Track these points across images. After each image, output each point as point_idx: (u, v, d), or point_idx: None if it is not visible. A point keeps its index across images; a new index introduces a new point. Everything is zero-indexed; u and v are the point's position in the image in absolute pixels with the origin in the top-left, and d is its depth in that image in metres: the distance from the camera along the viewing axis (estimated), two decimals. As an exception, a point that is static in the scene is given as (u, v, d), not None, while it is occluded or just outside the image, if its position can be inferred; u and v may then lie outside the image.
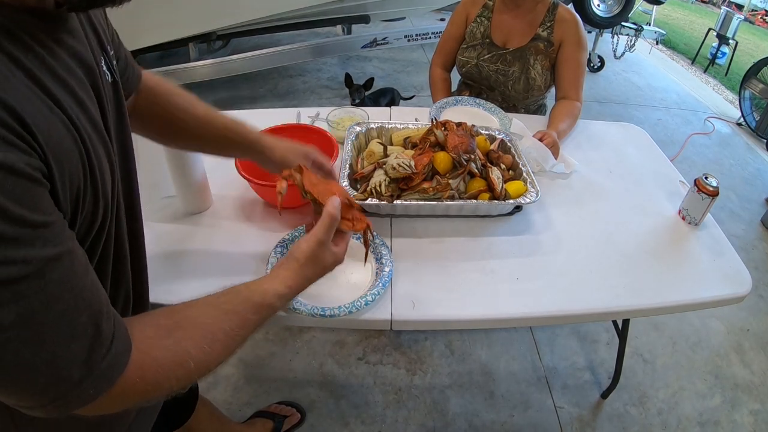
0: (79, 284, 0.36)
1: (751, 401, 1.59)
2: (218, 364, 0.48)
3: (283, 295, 0.56)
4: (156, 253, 0.88)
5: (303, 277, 0.59)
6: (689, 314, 1.87)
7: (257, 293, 0.54)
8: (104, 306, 0.39)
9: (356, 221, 0.65)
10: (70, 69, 0.40)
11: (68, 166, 0.36)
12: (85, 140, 0.38)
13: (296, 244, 0.61)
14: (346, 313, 0.77)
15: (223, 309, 0.50)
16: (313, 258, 0.60)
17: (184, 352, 0.44)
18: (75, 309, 0.36)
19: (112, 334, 0.39)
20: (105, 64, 0.48)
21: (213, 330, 0.48)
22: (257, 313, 0.53)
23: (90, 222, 0.41)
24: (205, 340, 0.47)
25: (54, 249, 0.34)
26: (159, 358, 0.43)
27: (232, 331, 0.49)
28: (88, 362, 0.37)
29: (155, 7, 2.34)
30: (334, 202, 0.62)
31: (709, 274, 0.95)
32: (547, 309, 0.85)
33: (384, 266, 0.86)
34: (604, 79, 3.99)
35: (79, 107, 0.39)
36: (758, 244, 2.31)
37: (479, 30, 1.46)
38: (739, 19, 4.14)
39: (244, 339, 0.51)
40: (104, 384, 0.38)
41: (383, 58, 3.92)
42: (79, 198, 0.38)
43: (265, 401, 1.45)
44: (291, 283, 0.58)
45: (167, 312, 0.48)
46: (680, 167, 1.30)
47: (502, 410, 1.48)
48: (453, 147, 1.00)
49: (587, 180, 1.19)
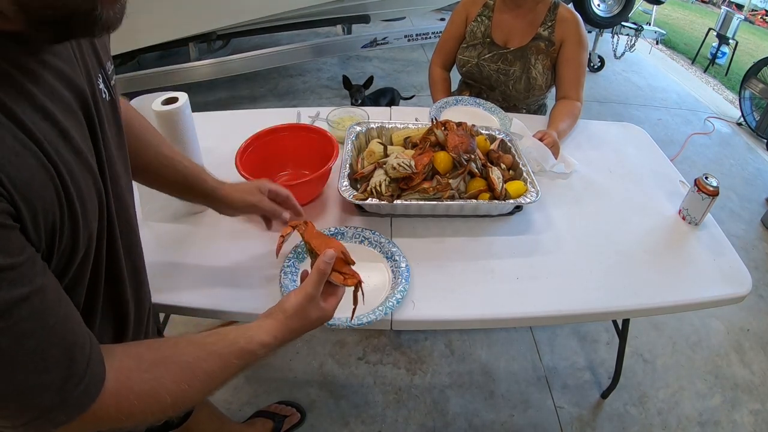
0: (50, 320, 0.36)
1: (751, 401, 1.59)
2: (195, 403, 0.48)
3: (267, 344, 0.56)
4: (156, 253, 0.88)
5: (288, 329, 0.59)
6: (689, 314, 1.87)
7: (243, 338, 0.54)
8: (78, 336, 0.39)
9: (348, 277, 0.66)
10: (54, 93, 0.39)
11: (40, 202, 0.36)
12: (62, 173, 0.38)
13: (286, 295, 0.61)
14: (381, 315, 0.77)
15: (207, 350, 0.50)
16: (300, 311, 0.59)
17: (162, 387, 0.45)
18: (47, 343, 0.36)
19: (86, 363, 0.39)
20: (102, 82, 0.47)
21: (194, 369, 0.48)
22: (240, 358, 0.53)
23: (71, 251, 0.41)
24: (185, 378, 0.47)
25: (22, 289, 0.34)
26: (136, 389, 0.43)
27: (214, 372, 0.50)
28: (61, 391, 0.37)
29: (155, 7, 2.34)
30: (326, 256, 0.62)
31: (709, 274, 0.95)
32: (547, 309, 0.85)
33: (399, 263, 0.87)
34: (604, 79, 3.99)
35: (60, 137, 0.39)
36: (758, 244, 2.31)
37: (480, 29, 1.46)
38: (739, 19, 4.14)
39: (224, 382, 0.51)
40: (75, 411, 0.39)
41: (383, 58, 3.92)
42: (56, 231, 0.38)
43: (265, 401, 1.45)
44: (276, 334, 0.57)
45: (152, 345, 0.48)
46: (680, 167, 1.30)
47: (502, 410, 1.48)
48: (453, 147, 1.00)
49: (587, 180, 1.19)
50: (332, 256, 0.62)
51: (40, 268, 0.36)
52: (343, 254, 0.68)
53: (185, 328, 1.63)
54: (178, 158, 0.74)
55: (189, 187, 0.76)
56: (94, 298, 0.49)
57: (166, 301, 0.80)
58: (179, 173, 0.75)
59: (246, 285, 0.85)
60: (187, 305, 0.81)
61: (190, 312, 0.81)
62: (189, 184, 0.76)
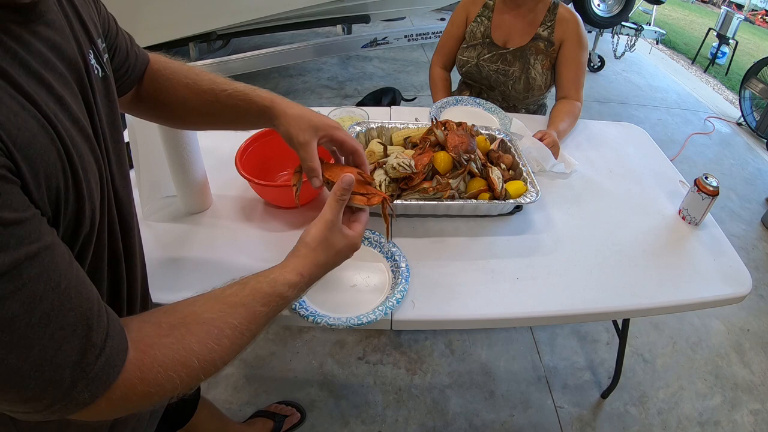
0: (63, 281, 0.34)
1: (751, 401, 1.59)
2: (227, 361, 0.45)
3: (294, 284, 0.52)
4: (156, 253, 0.88)
5: (315, 263, 0.55)
6: (689, 314, 1.87)
7: (266, 283, 0.50)
8: (94, 303, 0.37)
9: (371, 196, 0.61)
10: (48, 63, 0.38)
11: (43, 164, 0.34)
12: (63, 138, 0.36)
13: (306, 229, 0.57)
14: (381, 315, 0.77)
15: (229, 302, 0.47)
16: (324, 241, 0.56)
17: (187, 350, 0.41)
18: (61, 308, 0.33)
19: (106, 333, 0.37)
20: (94, 58, 0.46)
21: (219, 325, 0.44)
22: (267, 304, 0.49)
23: (75, 224, 0.39)
24: (211, 337, 0.43)
25: (30, 246, 0.32)
26: (160, 357, 0.40)
27: (241, 325, 0.46)
28: (81, 364, 0.35)
29: (155, 7, 2.34)
30: (344, 181, 0.57)
31: (709, 274, 0.95)
32: (547, 309, 0.85)
33: (399, 263, 0.87)
34: (604, 79, 3.99)
35: (58, 104, 0.37)
36: (758, 244, 2.31)
37: (479, 29, 1.46)
38: (740, 19, 4.14)
39: (255, 334, 0.48)
40: (100, 387, 0.36)
41: (383, 58, 3.92)
42: (60, 198, 0.36)
43: (265, 401, 1.45)
44: (302, 270, 0.54)
45: (168, 309, 0.45)
46: (680, 167, 1.30)
47: (502, 410, 1.48)
48: (453, 147, 1.00)
49: (587, 180, 1.19)
50: (351, 181, 0.58)
51: (47, 228, 0.34)
52: (361, 175, 0.63)
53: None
54: (220, 89, 0.67)
55: (240, 113, 0.68)
56: (97, 282, 0.46)
57: (166, 301, 0.80)
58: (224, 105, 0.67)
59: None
60: (187, 305, 0.81)
61: (190, 312, 0.81)
62: (239, 111, 0.68)
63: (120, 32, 0.58)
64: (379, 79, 3.57)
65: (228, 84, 0.68)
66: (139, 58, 0.62)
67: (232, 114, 0.69)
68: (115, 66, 0.57)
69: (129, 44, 0.61)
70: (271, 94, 0.69)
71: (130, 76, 0.62)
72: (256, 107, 0.68)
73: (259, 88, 0.70)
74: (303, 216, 0.99)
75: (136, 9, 2.29)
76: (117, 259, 0.50)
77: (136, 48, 0.62)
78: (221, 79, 0.68)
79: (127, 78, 0.61)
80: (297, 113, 0.67)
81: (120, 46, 0.58)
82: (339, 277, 0.86)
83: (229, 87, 0.67)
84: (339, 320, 0.75)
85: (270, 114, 0.68)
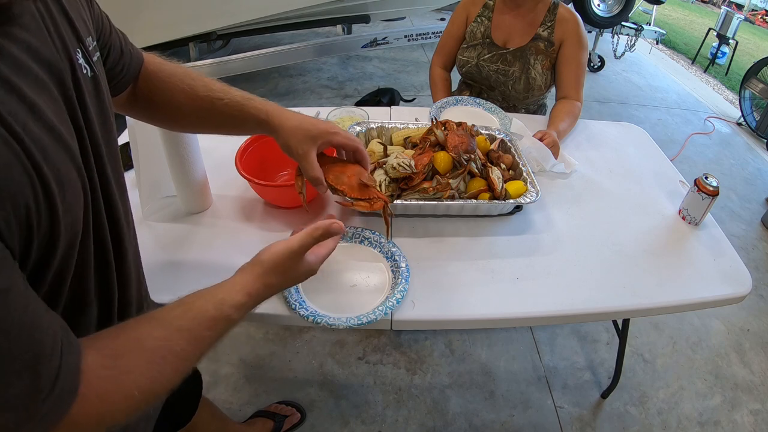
0: (13, 329, 0.32)
1: (751, 401, 1.59)
2: (169, 388, 0.44)
3: (241, 305, 0.51)
4: (156, 253, 0.88)
5: (265, 284, 0.54)
6: (689, 314, 1.87)
7: (212, 305, 0.49)
8: (47, 346, 0.35)
9: (374, 201, 0.61)
10: (21, 68, 0.36)
11: (6, 183, 0.32)
12: (30, 151, 0.34)
13: (267, 247, 0.55)
14: (381, 315, 0.77)
15: (174, 326, 0.46)
16: (280, 266, 0.55)
17: (129, 382, 0.41)
18: (8, 355, 0.32)
19: (56, 375, 0.35)
20: (83, 57, 0.44)
21: (162, 354, 0.43)
22: (212, 328, 0.48)
23: (51, 239, 0.37)
24: (153, 366, 0.42)
25: None
26: (102, 392, 0.39)
27: (185, 351, 0.45)
28: (27, 409, 0.34)
29: (155, 7, 2.34)
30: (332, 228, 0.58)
31: (709, 274, 0.95)
32: (547, 309, 0.85)
33: (399, 263, 0.87)
34: (604, 79, 3.99)
35: (29, 112, 0.35)
36: (758, 244, 2.31)
37: (479, 30, 1.46)
38: (740, 19, 4.14)
39: (199, 358, 0.47)
40: (47, 427, 0.35)
41: (383, 58, 3.92)
42: (31, 215, 0.34)
43: (265, 401, 1.45)
44: (251, 290, 0.52)
45: (114, 332, 0.43)
46: (680, 167, 1.30)
47: (502, 410, 1.48)
48: (453, 147, 1.00)
49: (587, 180, 1.19)
50: (339, 231, 0.58)
51: (7, 270, 0.32)
52: (364, 180, 0.63)
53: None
54: (216, 96, 0.67)
55: (236, 122, 0.68)
56: (82, 285, 0.45)
57: (166, 301, 0.80)
58: (220, 114, 0.67)
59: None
60: (187, 305, 0.81)
61: (190, 312, 0.81)
62: (236, 120, 0.68)
63: (114, 30, 0.57)
64: (379, 79, 3.57)
65: (224, 92, 0.67)
66: (133, 57, 0.62)
67: (229, 123, 0.69)
68: (110, 65, 0.57)
69: (123, 42, 0.60)
70: (266, 105, 0.69)
71: (125, 76, 0.61)
72: (252, 119, 0.68)
73: (255, 98, 0.70)
74: (303, 216, 0.99)
75: (137, 9, 2.29)
76: (106, 265, 0.49)
77: (131, 47, 0.62)
78: (217, 86, 0.68)
79: (122, 77, 0.60)
80: (294, 125, 0.68)
81: (114, 44, 0.57)
82: (339, 277, 0.86)
83: (225, 96, 0.67)
84: (339, 320, 0.75)
85: (267, 127, 0.68)
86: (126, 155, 1.10)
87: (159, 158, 0.91)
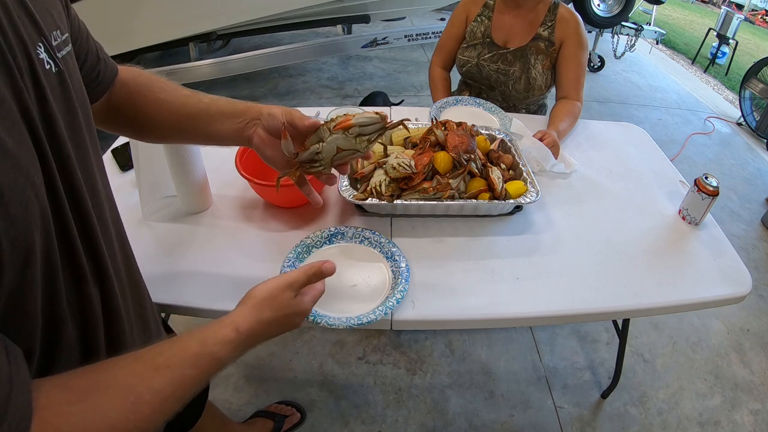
0: None
1: (751, 401, 1.59)
2: (147, 429, 0.41)
3: (228, 341, 0.47)
4: (156, 253, 0.88)
5: (258, 319, 0.50)
6: (689, 314, 1.87)
7: (196, 340, 0.45)
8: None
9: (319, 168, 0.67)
10: None
11: None
12: None
13: (257, 285, 0.54)
14: (381, 315, 0.77)
15: (153, 364, 0.42)
16: (273, 299, 0.52)
17: (100, 419, 0.37)
18: None
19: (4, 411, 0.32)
20: (45, 52, 0.41)
21: (138, 391, 0.40)
22: (195, 366, 0.44)
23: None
24: (127, 403, 0.39)
25: None
26: (63, 428, 0.36)
27: (165, 390, 0.41)
28: None
29: (155, 7, 2.34)
30: (327, 269, 0.58)
31: (709, 274, 0.95)
32: (547, 309, 0.85)
33: (399, 263, 0.87)
34: (604, 79, 3.99)
35: None
36: (758, 244, 2.31)
37: (479, 29, 1.46)
38: (740, 19, 4.14)
39: (183, 399, 0.43)
40: None
41: (383, 58, 3.92)
42: None
43: (265, 401, 1.45)
44: (240, 325, 0.48)
45: (86, 371, 0.41)
46: (680, 167, 1.30)
47: (502, 410, 1.48)
48: (453, 147, 1.00)
49: (587, 180, 1.19)
50: (331, 271, 0.60)
51: None
52: None
53: (185, 329, 1.63)
54: (194, 110, 0.66)
55: (214, 138, 0.67)
56: (55, 303, 0.41)
57: (166, 301, 0.80)
58: (198, 128, 0.66)
59: (246, 284, 0.85)
60: (186, 305, 0.81)
61: (190, 312, 0.81)
62: (213, 137, 0.67)
63: (90, 36, 0.56)
64: (379, 79, 3.57)
65: (205, 106, 0.67)
66: (108, 66, 0.60)
67: (207, 138, 0.68)
68: (87, 70, 0.55)
69: (99, 50, 0.58)
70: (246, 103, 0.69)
71: (101, 83, 0.59)
72: (232, 113, 0.67)
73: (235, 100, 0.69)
74: (303, 216, 0.99)
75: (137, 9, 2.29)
76: (81, 279, 0.45)
77: (106, 56, 0.60)
78: (196, 99, 0.67)
79: (98, 84, 0.58)
80: (273, 108, 0.68)
81: (91, 49, 0.55)
82: (339, 277, 0.86)
83: (202, 101, 0.67)
84: (339, 320, 0.75)
85: (250, 114, 0.67)
86: (126, 155, 1.10)
87: (159, 158, 0.91)
